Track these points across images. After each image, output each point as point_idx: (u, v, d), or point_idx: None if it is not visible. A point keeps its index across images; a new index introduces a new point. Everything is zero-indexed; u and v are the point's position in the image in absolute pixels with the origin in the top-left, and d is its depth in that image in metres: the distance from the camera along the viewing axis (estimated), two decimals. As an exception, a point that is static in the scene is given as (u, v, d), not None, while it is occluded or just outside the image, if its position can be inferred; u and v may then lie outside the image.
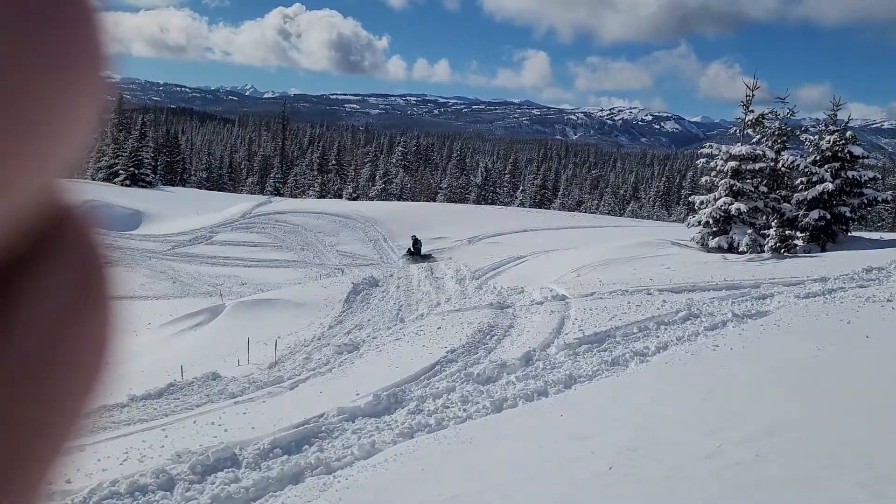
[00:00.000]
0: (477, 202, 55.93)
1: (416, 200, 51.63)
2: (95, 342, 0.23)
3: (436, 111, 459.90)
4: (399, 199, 54.47)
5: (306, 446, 7.17)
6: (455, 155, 71.38)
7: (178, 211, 33.12)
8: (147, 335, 16.13)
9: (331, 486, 5.96)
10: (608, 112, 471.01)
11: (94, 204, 27.96)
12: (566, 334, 11.80)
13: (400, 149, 69.50)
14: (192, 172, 64.08)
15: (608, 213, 59.37)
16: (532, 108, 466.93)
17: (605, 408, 7.62)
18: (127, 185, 43.31)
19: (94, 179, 45.71)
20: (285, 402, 9.01)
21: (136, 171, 46.14)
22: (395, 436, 7.42)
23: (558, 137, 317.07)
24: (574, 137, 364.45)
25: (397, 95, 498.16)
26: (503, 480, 5.67)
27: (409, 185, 61.22)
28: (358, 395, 8.91)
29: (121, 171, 46.06)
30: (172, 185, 51.85)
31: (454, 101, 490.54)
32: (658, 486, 5.21)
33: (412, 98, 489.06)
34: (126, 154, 46.66)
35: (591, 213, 55.72)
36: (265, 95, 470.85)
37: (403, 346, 11.97)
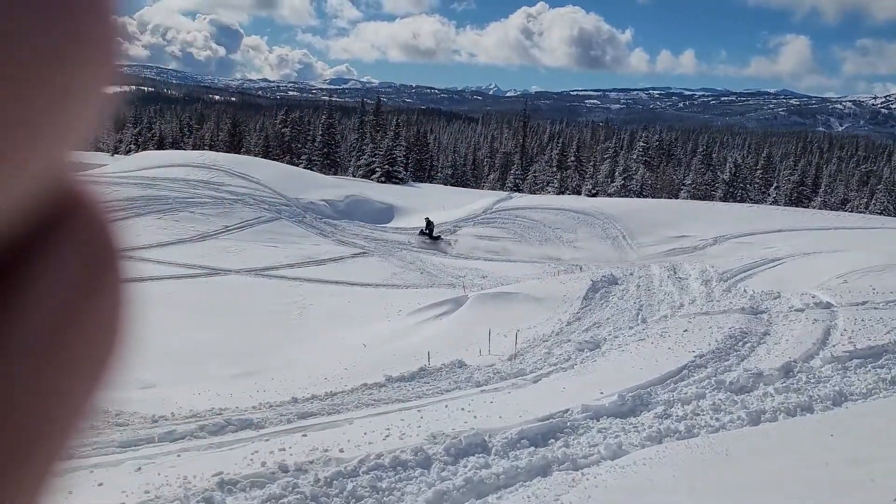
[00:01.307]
0: (724, 199, 52.49)
1: (657, 197, 49.75)
2: (105, 330, 0.22)
3: (680, 104, 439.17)
4: (639, 195, 52.85)
5: (552, 440, 7.24)
6: (700, 150, 67.63)
7: (426, 206, 35.08)
8: (398, 321, 17.31)
9: (579, 482, 5.96)
10: (882, 100, 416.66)
11: (355, 198, 30.59)
12: (833, 346, 10.69)
13: (641, 144, 67.41)
14: (439, 169, 67.51)
15: (880, 213, 52.59)
16: (790, 98, 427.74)
17: (886, 431, 6.77)
18: (382, 182, 46.73)
19: (354, 176, 50.00)
20: (529, 394, 9.17)
21: (390, 169, 49.66)
22: (643, 439, 7.22)
23: (820, 129, 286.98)
24: (839, 129, 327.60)
25: (639, 90, 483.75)
26: (768, 502, 5.27)
27: (649, 182, 59.17)
28: (602, 393, 8.80)
29: (377, 169, 49.86)
30: (421, 182, 55.03)
31: (700, 93, 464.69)
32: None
33: (655, 91, 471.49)
34: (382, 153, 50.41)
35: (860, 212, 49.79)
36: (507, 94, 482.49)
37: (647, 348, 11.60)
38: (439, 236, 27.73)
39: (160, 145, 56.10)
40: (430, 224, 28.05)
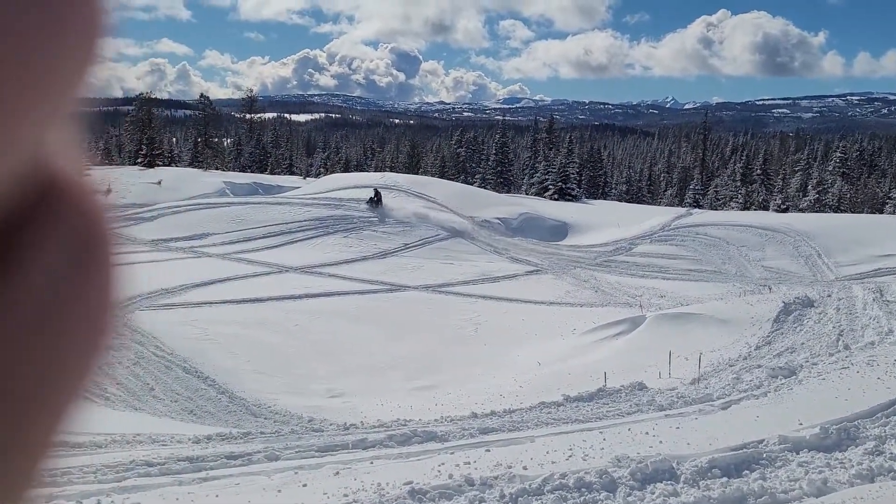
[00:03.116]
0: (941, 214, 46.90)
1: (857, 212, 45.49)
2: (92, 321, 0.22)
3: (884, 110, 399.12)
4: (836, 210, 48.63)
5: (746, 472, 6.82)
6: (909, 159, 61.07)
7: (600, 223, 34.45)
8: (573, 340, 17.14)
9: (780, 519, 5.57)
10: None
11: (528, 216, 30.79)
12: None
13: (838, 154, 62.02)
14: (613, 186, 66.21)
15: None
16: None
17: None
18: (555, 199, 46.58)
19: (527, 194, 50.24)
20: (718, 421, 8.70)
21: (563, 186, 49.40)
22: (852, 476, 6.60)
23: None
24: None
25: (835, 96, 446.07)
26: None
27: (848, 196, 54.25)
28: (801, 424, 8.16)
29: (550, 186, 49.79)
30: (594, 199, 54.23)
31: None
32: None
33: (854, 97, 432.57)
34: (555, 170, 50.30)
35: None
36: (685, 106, 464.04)
37: (852, 377, 10.61)
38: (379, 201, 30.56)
39: (346, 168, 59.72)
40: (377, 193, 30.97)
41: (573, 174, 53.00)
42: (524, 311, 19.95)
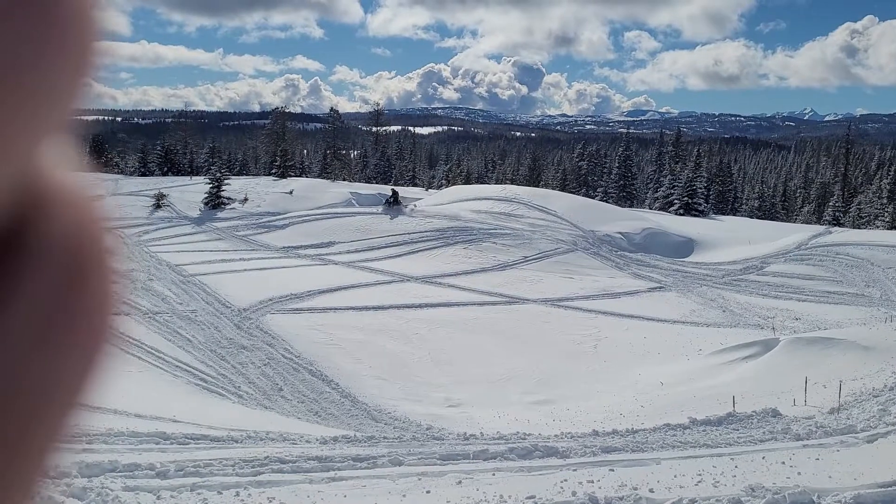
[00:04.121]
0: None
1: None
2: (85, 335, 0.22)
3: None
4: None
5: (896, 511, 6.31)
6: None
7: (728, 240, 33.00)
8: (698, 361, 16.48)
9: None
10: None
11: (652, 231, 30.03)
12: None
13: None
14: (744, 201, 63.25)
15: None
16: None
17: None
18: (680, 214, 45.06)
19: (650, 208, 48.90)
20: (863, 455, 8.10)
21: (690, 201, 47.71)
22: None
23: None
24: None
25: None
26: None
27: None
28: (961, 465, 7.46)
29: (675, 201, 48.23)
30: (723, 214, 52.05)
31: None
32: None
33: None
34: (681, 184, 48.68)
35: None
36: (825, 118, 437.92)
37: None
38: (400, 202, 32.52)
39: (467, 180, 60.32)
40: (395, 193, 33.33)
41: (700, 189, 51.08)
42: (646, 328, 19.40)
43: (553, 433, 9.66)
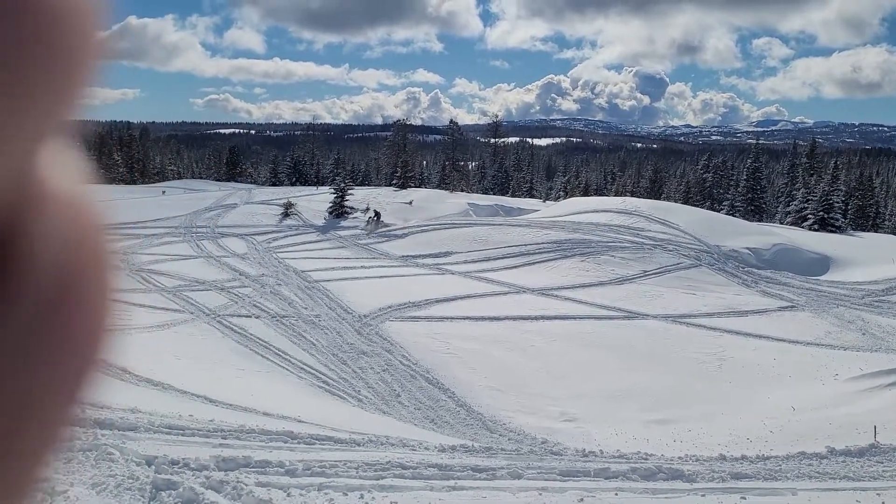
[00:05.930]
0: None
1: None
2: (80, 340, 0.22)
3: None
4: None
5: None
6: None
7: (869, 258, 30.80)
8: (834, 386, 15.48)
9: None
10: None
11: (783, 247, 28.49)
12: None
13: None
14: (887, 217, 58.84)
15: None
16: None
17: None
18: (814, 230, 42.55)
19: (781, 223, 46.43)
20: None
21: (826, 216, 44.94)
22: None
23: None
24: None
25: None
26: None
27: None
28: None
29: (809, 216, 45.59)
30: (864, 231, 48.64)
31: None
32: None
33: None
34: (815, 198, 45.95)
35: None
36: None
37: None
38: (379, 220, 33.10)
39: (585, 192, 59.51)
40: (377, 213, 33.80)
41: (838, 203, 47.94)
42: (776, 349, 18.39)
43: (676, 455, 9.32)
